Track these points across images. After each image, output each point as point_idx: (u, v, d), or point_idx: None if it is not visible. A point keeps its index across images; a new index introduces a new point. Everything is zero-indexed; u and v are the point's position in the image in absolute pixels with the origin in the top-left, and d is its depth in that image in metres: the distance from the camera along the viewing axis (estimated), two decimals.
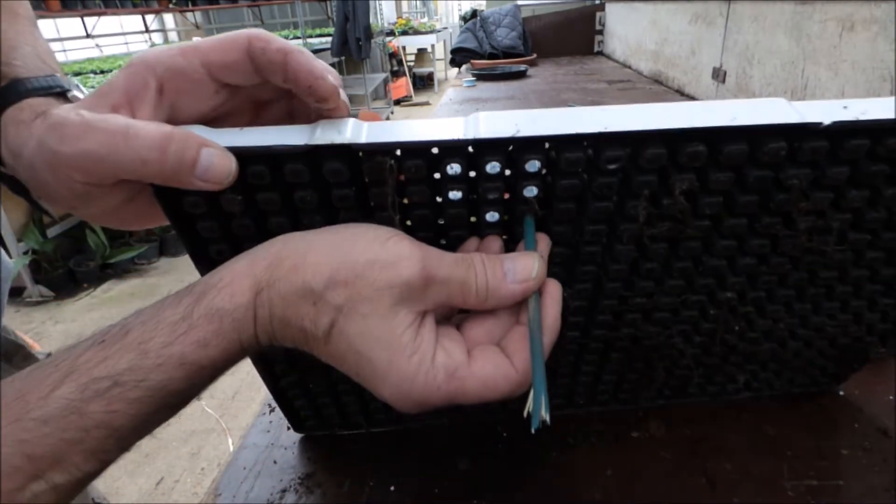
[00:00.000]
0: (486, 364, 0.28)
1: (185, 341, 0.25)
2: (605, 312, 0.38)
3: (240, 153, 0.27)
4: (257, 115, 0.34)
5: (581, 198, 0.30)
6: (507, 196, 0.30)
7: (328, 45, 4.81)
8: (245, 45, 0.28)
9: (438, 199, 0.31)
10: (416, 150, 0.28)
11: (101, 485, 0.59)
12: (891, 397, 0.50)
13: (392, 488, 0.44)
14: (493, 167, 0.28)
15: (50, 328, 2.44)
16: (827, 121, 0.26)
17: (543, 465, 0.45)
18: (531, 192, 0.29)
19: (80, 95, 0.31)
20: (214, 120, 0.31)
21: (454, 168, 0.28)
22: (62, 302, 2.65)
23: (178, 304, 0.25)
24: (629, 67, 2.58)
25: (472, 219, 0.32)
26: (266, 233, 0.31)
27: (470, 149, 0.28)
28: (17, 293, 2.66)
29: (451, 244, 0.32)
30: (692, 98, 1.86)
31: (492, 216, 0.31)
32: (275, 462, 0.48)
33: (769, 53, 1.35)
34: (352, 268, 0.26)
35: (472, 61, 2.73)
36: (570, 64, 2.81)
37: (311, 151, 0.27)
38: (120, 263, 2.81)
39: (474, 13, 3.26)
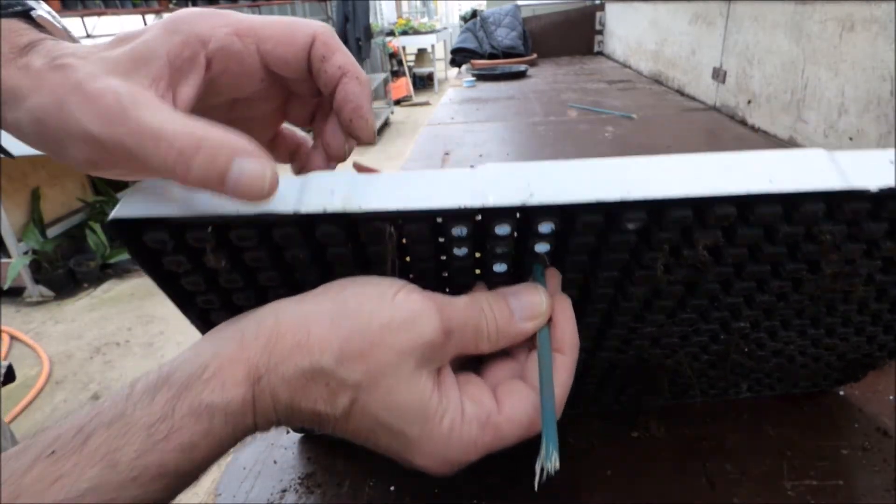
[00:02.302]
0: (515, 403, 0.26)
1: (166, 447, 0.20)
2: (612, 339, 0.37)
3: (218, 221, 0.24)
4: (285, 104, 0.31)
5: (596, 251, 0.29)
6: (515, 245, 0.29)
7: None
8: (308, 44, 0.25)
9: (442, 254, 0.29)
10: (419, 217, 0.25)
11: None
12: (891, 397, 0.50)
13: (392, 488, 0.44)
14: (502, 230, 0.26)
15: (50, 328, 2.44)
16: (874, 187, 0.24)
17: None
18: (543, 248, 0.28)
19: (45, 14, 0.26)
20: (245, 101, 0.28)
21: (460, 231, 0.26)
22: (62, 302, 2.65)
23: (151, 402, 0.21)
24: (629, 67, 2.58)
25: (477, 270, 0.30)
26: (256, 286, 0.29)
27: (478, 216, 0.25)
28: (17, 293, 2.66)
29: (455, 293, 0.30)
30: (692, 98, 1.86)
31: (500, 267, 0.29)
32: (275, 462, 0.48)
33: (769, 53, 1.35)
34: (364, 336, 0.22)
35: (472, 61, 2.73)
36: (570, 64, 2.81)
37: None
38: (120, 263, 2.81)
39: (474, 13, 3.25)
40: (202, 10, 0.24)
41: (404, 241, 0.26)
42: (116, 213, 0.23)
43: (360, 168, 0.27)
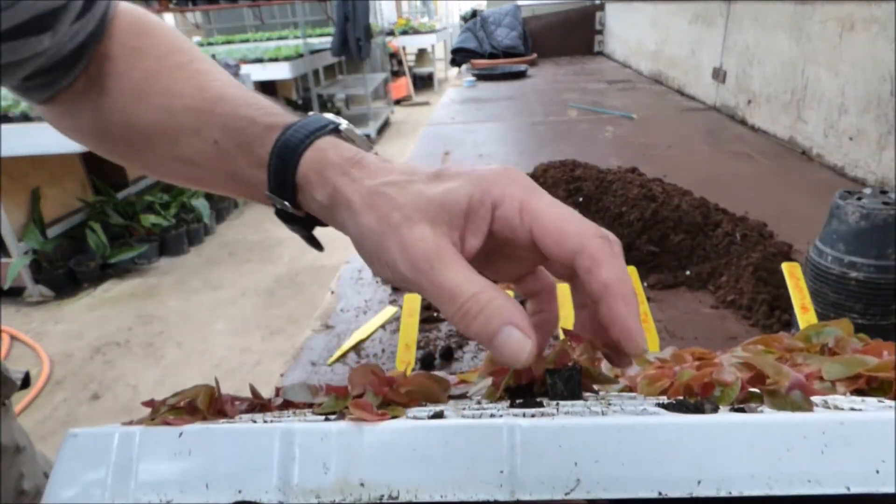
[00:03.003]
0: None
1: None
2: None
3: None
4: (536, 266, 0.31)
5: None
6: None
7: (328, 46, 4.81)
8: (574, 251, 0.25)
9: None
10: None
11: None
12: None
13: None
14: None
15: (50, 328, 2.44)
16: None
17: None
18: None
19: (348, 128, 0.31)
20: (507, 255, 0.29)
21: None
22: (62, 302, 2.65)
23: None
24: (629, 67, 2.58)
25: None
26: None
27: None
28: (17, 293, 2.66)
29: None
30: (692, 98, 1.86)
31: None
32: None
33: (769, 53, 1.35)
34: None
35: (473, 61, 2.73)
36: (570, 64, 2.81)
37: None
38: (120, 263, 2.81)
39: (474, 13, 3.26)
40: (504, 172, 0.27)
41: None
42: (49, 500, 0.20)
43: (357, 410, 0.23)
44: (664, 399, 0.26)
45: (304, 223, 0.32)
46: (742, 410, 0.22)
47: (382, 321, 0.69)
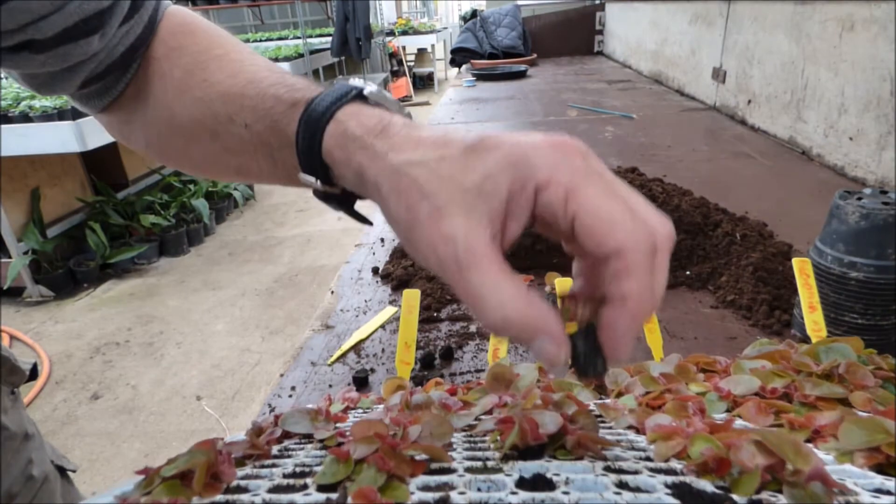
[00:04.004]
0: None
1: None
2: None
3: None
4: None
5: None
6: None
7: (328, 46, 4.81)
8: (610, 253, 0.23)
9: None
10: None
11: (59, 445, 0.58)
12: None
13: None
14: None
15: (50, 328, 2.44)
16: None
17: None
18: None
19: (375, 91, 0.30)
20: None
21: None
22: (62, 302, 2.65)
23: None
24: (629, 67, 2.58)
25: None
26: None
27: None
28: (17, 293, 2.66)
29: None
30: (692, 98, 1.86)
31: None
32: None
33: (769, 53, 1.35)
34: None
35: (472, 61, 2.73)
36: (570, 64, 2.81)
37: None
38: (120, 263, 2.81)
39: (474, 13, 3.26)
40: (554, 149, 0.23)
41: None
42: None
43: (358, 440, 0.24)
44: (678, 469, 0.25)
45: (342, 201, 0.30)
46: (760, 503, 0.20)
47: (382, 321, 0.69)
